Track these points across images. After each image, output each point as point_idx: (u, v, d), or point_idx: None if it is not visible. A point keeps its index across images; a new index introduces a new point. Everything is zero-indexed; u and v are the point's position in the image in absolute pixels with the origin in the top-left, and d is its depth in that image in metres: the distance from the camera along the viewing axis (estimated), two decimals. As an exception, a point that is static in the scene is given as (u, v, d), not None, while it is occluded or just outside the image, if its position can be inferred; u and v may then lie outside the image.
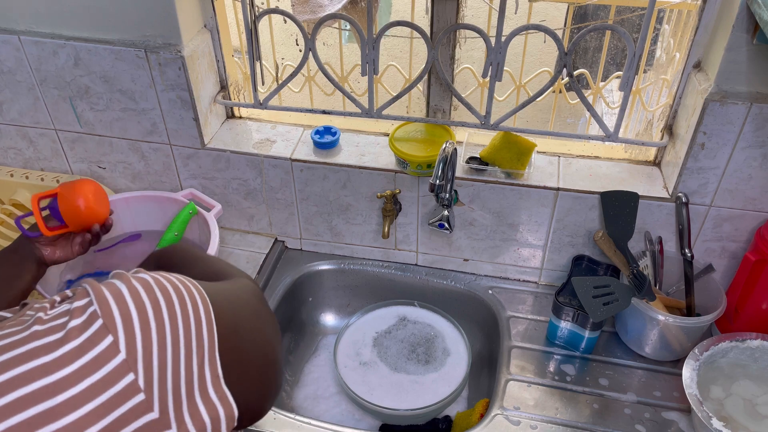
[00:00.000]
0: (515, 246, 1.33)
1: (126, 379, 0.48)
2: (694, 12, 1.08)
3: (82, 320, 0.48)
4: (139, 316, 0.50)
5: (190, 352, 0.52)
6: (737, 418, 1.04)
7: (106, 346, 0.48)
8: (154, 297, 0.52)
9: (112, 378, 0.47)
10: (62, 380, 0.46)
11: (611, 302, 1.10)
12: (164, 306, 0.52)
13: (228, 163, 1.33)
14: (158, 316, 0.51)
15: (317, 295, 1.47)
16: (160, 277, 0.54)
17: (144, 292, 0.51)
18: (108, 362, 0.47)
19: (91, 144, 1.36)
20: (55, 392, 0.45)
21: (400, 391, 1.25)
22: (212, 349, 0.54)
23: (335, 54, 1.46)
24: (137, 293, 0.51)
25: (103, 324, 0.48)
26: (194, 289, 0.55)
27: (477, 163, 1.25)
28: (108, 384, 0.47)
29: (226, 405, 0.54)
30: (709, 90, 1.04)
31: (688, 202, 1.15)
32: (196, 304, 0.54)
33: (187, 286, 0.55)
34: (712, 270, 1.18)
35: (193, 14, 1.19)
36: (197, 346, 0.53)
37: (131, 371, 0.48)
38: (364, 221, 1.37)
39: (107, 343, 0.48)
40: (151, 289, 0.52)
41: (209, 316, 0.55)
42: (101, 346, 0.48)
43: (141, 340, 0.49)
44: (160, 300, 0.52)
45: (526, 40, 1.31)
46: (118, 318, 0.49)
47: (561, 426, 1.09)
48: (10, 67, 1.26)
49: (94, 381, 0.47)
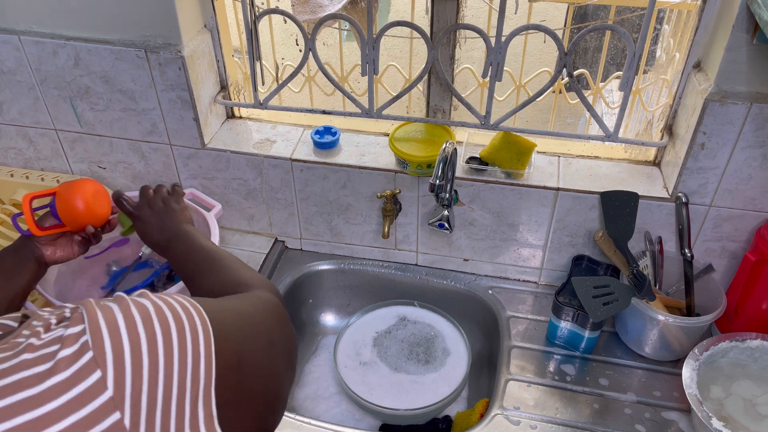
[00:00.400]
0: (515, 246, 1.33)
1: (111, 418, 0.46)
2: (694, 12, 1.08)
3: (72, 351, 0.47)
4: (132, 351, 0.48)
5: (184, 390, 0.50)
6: (737, 418, 1.04)
7: (94, 382, 0.46)
8: (150, 329, 0.50)
9: (97, 416, 0.46)
10: (46, 415, 0.45)
11: (611, 302, 1.10)
12: (160, 340, 0.50)
13: (228, 163, 1.33)
14: (152, 351, 0.49)
15: (317, 295, 1.47)
16: (162, 303, 0.52)
17: (141, 323, 0.50)
18: (94, 399, 0.46)
19: (91, 144, 1.36)
20: (38, 428, 0.44)
21: (400, 391, 1.25)
22: (208, 387, 0.52)
23: (335, 54, 1.46)
24: (133, 325, 0.49)
25: (92, 357, 0.47)
26: (197, 319, 0.53)
27: (477, 163, 1.25)
28: (93, 422, 0.45)
29: None
30: (709, 90, 1.04)
31: (688, 202, 1.15)
32: (196, 336, 0.52)
33: (190, 315, 0.53)
34: (712, 270, 1.18)
35: (193, 14, 1.19)
36: (192, 384, 0.50)
37: (117, 410, 0.46)
38: (364, 221, 1.37)
39: (95, 379, 0.46)
40: (149, 319, 0.50)
41: (209, 351, 0.52)
42: (89, 381, 0.46)
43: (131, 377, 0.47)
44: (157, 333, 0.50)
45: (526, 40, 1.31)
46: (109, 352, 0.47)
47: (561, 426, 1.09)
48: (10, 67, 1.26)
49: (79, 418, 0.45)
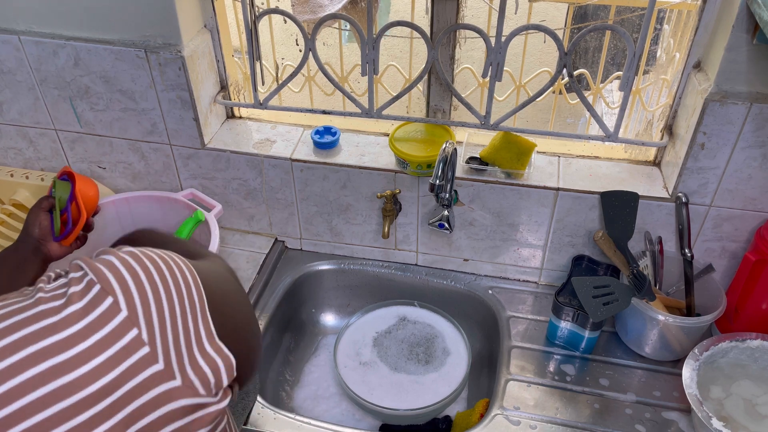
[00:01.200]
0: (515, 246, 1.33)
1: (131, 334, 0.51)
2: (694, 12, 1.08)
3: (81, 287, 0.51)
4: (134, 279, 0.53)
5: (184, 310, 0.55)
6: (737, 418, 1.04)
7: (108, 306, 0.51)
8: (143, 264, 0.55)
9: (117, 333, 0.50)
10: (70, 337, 0.49)
11: (611, 302, 1.10)
12: (154, 271, 0.55)
13: (228, 163, 1.33)
14: (150, 279, 0.54)
15: (317, 295, 1.47)
16: (146, 249, 0.58)
17: (133, 260, 0.55)
18: (112, 320, 0.51)
19: (91, 144, 1.36)
20: (64, 348, 0.49)
21: (400, 391, 1.25)
22: (203, 308, 0.57)
23: (335, 54, 1.46)
24: (127, 262, 0.54)
25: (101, 288, 0.51)
26: (178, 259, 0.59)
27: (477, 163, 1.25)
28: (114, 339, 0.50)
29: (223, 357, 0.57)
30: (709, 90, 1.04)
31: (688, 202, 1.15)
32: (182, 270, 0.57)
33: (171, 257, 0.58)
34: (712, 270, 1.18)
35: (193, 14, 1.19)
36: (189, 305, 0.56)
37: (135, 326, 0.51)
38: (364, 221, 1.37)
39: (108, 304, 0.51)
40: (139, 258, 0.55)
41: (196, 280, 0.58)
42: (103, 306, 0.51)
43: (139, 299, 0.52)
44: (149, 266, 0.55)
45: (526, 40, 1.31)
46: (114, 282, 0.52)
47: (561, 426, 1.09)
48: (10, 67, 1.26)
49: (101, 336, 0.50)
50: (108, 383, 0.49)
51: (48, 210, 1.05)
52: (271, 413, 1.12)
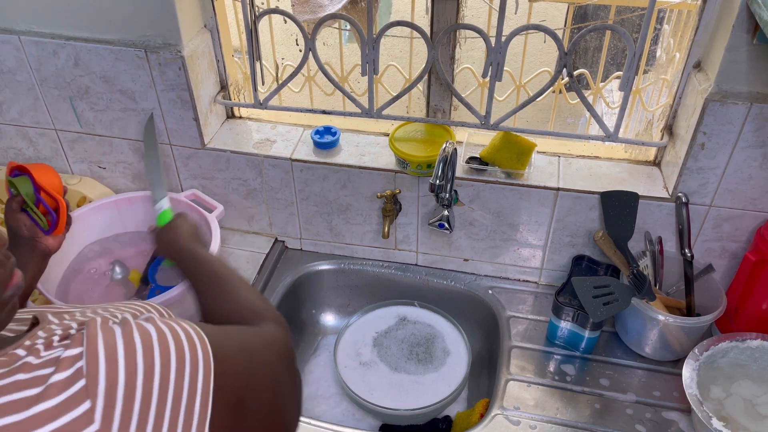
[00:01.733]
0: (515, 246, 1.33)
1: None
2: (694, 12, 1.08)
3: (65, 376, 0.46)
4: (126, 382, 0.47)
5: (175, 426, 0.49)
6: (737, 418, 1.04)
7: (81, 414, 0.46)
8: (149, 360, 0.49)
9: None
10: None
11: (611, 302, 1.10)
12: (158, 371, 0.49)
13: (228, 163, 1.33)
14: (147, 383, 0.48)
15: (317, 295, 1.47)
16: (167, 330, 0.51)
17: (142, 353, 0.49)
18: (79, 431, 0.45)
19: (91, 144, 1.36)
20: None
21: (400, 391, 1.25)
22: (202, 424, 0.51)
23: (335, 54, 1.46)
24: (133, 354, 0.48)
25: (84, 386, 0.46)
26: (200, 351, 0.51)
27: (477, 163, 1.25)
28: None
29: None
30: (709, 90, 1.04)
31: (688, 203, 1.15)
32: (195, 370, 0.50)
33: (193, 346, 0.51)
34: (712, 270, 1.18)
35: (193, 14, 1.19)
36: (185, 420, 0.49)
37: None
38: (364, 221, 1.37)
39: (83, 410, 0.46)
40: (150, 348, 0.49)
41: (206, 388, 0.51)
42: (76, 412, 0.46)
43: (120, 410, 0.47)
44: (156, 363, 0.49)
45: (526, 40, 1.31)
46: (102, 382, 0.47)
47: (561, 426, 1.09)
48: (10, 67, 1.26)
49: None
50: None
51: (21, 209, 0.99)
52: (271, 413, 1.12)
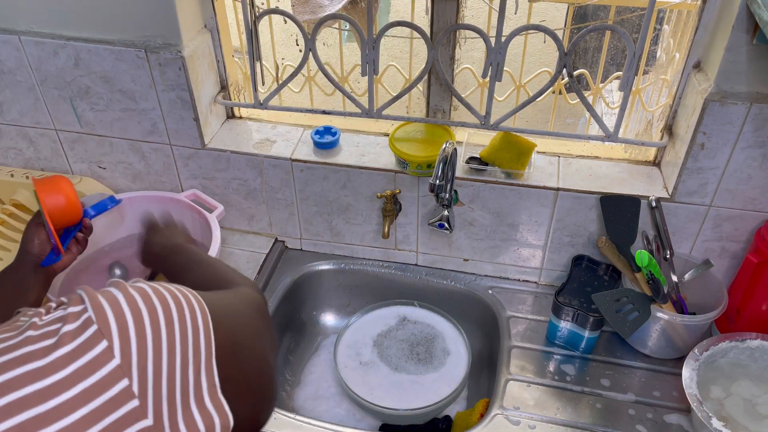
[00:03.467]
0: (515, 246, 1.33)
1: (120, 385, 0.47)
2: (694, 12, 1.08)
3: (75, 326, 0.48)
4: (135, 322, 0.49)
5: (186, 360, 0.51)
6: (737, 418, 1.04)
7: (101, 351, 0.47)
8: (151, 304, 0.51)
9: (106, 383, 0.47)
10: (55, 385, 0.46)
11: (632, 313, 1.11)
12: (161, 313, 0.51)
13: (228, 163, 1.33)
14: (154, 323, 0.50)
15: (317, 295, 1.47)
16: (159, 286, 0.54)
17: (141, 299, 0.51)
18: (102, 367, 0.47)
19: (92, 144, 1.36)
20: (47, 397, 0.45)
21: (400, 391, 1.25)
22: (209, 358, 0.53)
23: (335, 54, 1.46)
24: (134, 300, 0.51)
25: (97, 329, 0.48)
26: (193, 299, 0.55)
27: (477, 163, 1.25)
28: (102, 389, 0.47)
29: (222, 414, 0.53)
30: (709, 90, 1.04)
31: (659, 206, 1.16)
32: (194, 312, 0.54)
33: (186, 296, 0.54)
34: (711, 265, 1.17)
35: (193, 14, 1.20)
36: (194, 355, 0.52)
37: (125, 377, 0.48)
38: (364, 221, 1.37)
39: (101, 348, 0.47)
40: (148, 297, 0.52)
41: (207, 326, 0.54)
42: (95, 351, 0.47)
43: (136, 346, 0.48)
44: (157, 307, 0.51)
45: (526, 40, 1.31)
46: (113, 324, 0.48)
47: (561, 426, 1.09)
48: (11, 67, 1.26)
49: (88, 386, 0.46)
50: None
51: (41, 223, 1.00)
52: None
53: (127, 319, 0.49)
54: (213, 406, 0.53)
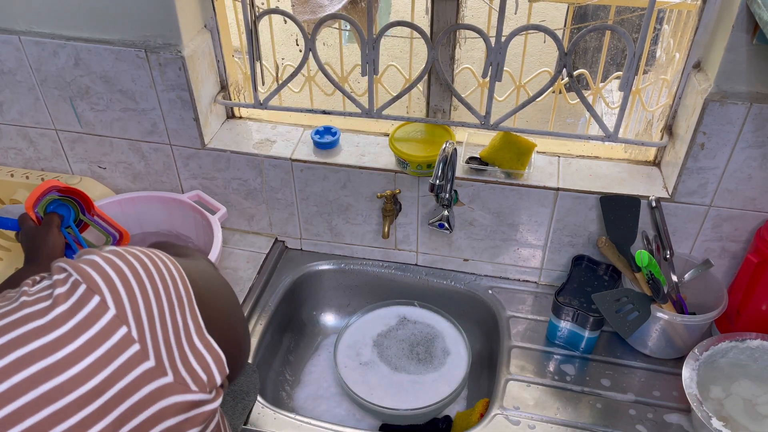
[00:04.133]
0: (515, 246, 1.33)
1: (120, 332, 0.51)
2: (694, 12, 1.08)
3: (66, 288, 0.51)
4: (119, 277, 0.53)
5: (172, 306, 0.55)
6: (737, 418, 1.04)
7: (95, 305, 0.50)
8: (128, 261, 0.54)
9: (106, 332, 0.50)
10: (59, 339, 0.48)
11: (632, 313, 1.11)
12: (140, 267, 0.55)
13: (228, 163, 1.33)
14: (136, 276, 0.54)
15: (317, 295, 1.47)
16: (129, 247, 0.58)
17: (117, 258, 0.54)
18: (100, 318, 0.50)
19: (92, 144, 1.36)
20: (53, 349, 0.48)
21: (400, 391, 1.25)
22: (191, 303, 0.57)
23: (335, 54, 1.46)
24: (111, 260, 0.54)
25: (87, 288, 0.51)
26: (163, 256, 0.58)
27: (477, 163, 1.25)
28: (103, 338, 0.50)
29: (212, 352, 0.57)
30: (709, 90, 1.04)
31: (659, 206, 1.16)
32: (167, 265, 0.57)
33: (156, 254, 0.58)
34: (711, 265, 1.18)
35: (193, 14, 1.20)
36: (177, 300, 0.56)
37: (123, 324, 0.51)
38: (364, 221, 1.37)
39: (95, 303, 0.50)
40: (123, 256, 0.55)
41: (181, 275, 0.58)
42: (90, 306, 0.50)
43: (126, 297, 0.52)
44: (135, 263, 0.55)
45: (526, 40, 1.31)
46: (100, 281, 0.51)
47: (561, 426, 1.09)
48: (11, 67, 1.26)
49: (90, 336, 0.49)
50: (99, 383, 0.49)
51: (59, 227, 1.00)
52: (271, 413, 1.12)
53: (111, 274, 0.52)
54: (203, 345, 0.57)
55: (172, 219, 1.36)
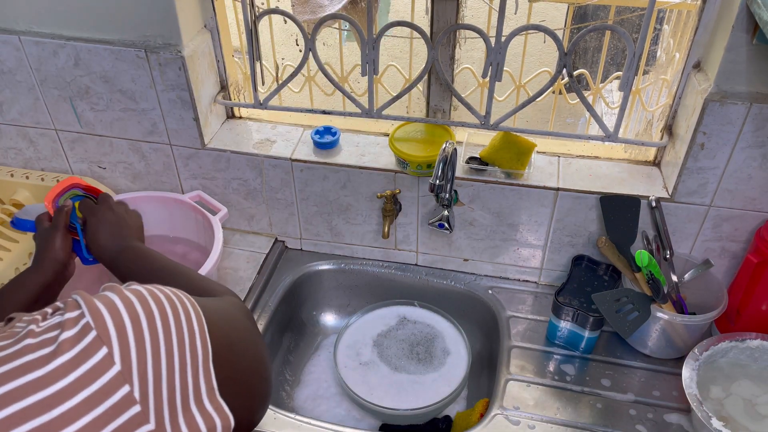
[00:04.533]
0: (515, 246, 1.33)
1: (122, 391, 0.48)
2: (694, 12, 1.08)
3: (74, 332, 0.48)
4: (133, 326, 0.49)
5: (185, 363, 0.52)
6: (737, 418, 1.04)
7: (101, 358, 0.47)
8: (148, 308, 0.51)
9: (107, 390, 0.47)
10: (57, 394, 0.46)
11: (632, 312, 1.11)
12: (158, 317, 0.51)
13: (228, 163, 1.33)
14: (152, 327, 0.50)
15: (317, 295, 1.47)
16: (154, 288, 0.54)
17: (138, 302, 0.51)
18: (103, 374, 0.47)
19: (92, 144, 1.36)
20: (50, 406, 0.45)
21: (400, 391, 1.25)
22: (206, 360, 0.54)
23: (335, 54, 1.46)
24: (131, 304, 0.51)
25: (96, 336, 0.48)
26: (188, 302, 0.55)
27: (477, 163, 1.25)
28: (104, 396, 0.47)
29: (222, 416, 0.54)
30: (709, 90, 1.04)
31: (659, 206, 1.16)
32: (189, 316, 0.54)
33: (181, 299, 0.55)
34: (711, 265, 1.18)
35: (193, 14, 1.20)
36: (191, 357, 0.52)
37: (126, 383, 0.48)
38: (364, 221, 1.37)
39: (101, 355, 0.47)
40: (144, 300, 0.52)
41: (202, 329, 0.54)
42: (96, 358, 0.47)
43: (135, 351, 0.49)
44: (154, 311, 0.51)
45: (526, 40, 1.31)
46: (112, 329, 0.48)
47: (561, 426, 1.09)
48: (11, 67, 1.26)
49: (90, 393, 0.46)
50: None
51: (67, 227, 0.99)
52: (271, 413, 1.12)
53: (126, 323, 0.49)
54: (213, 408, 0.53)
55: (173, 219, 1.36)
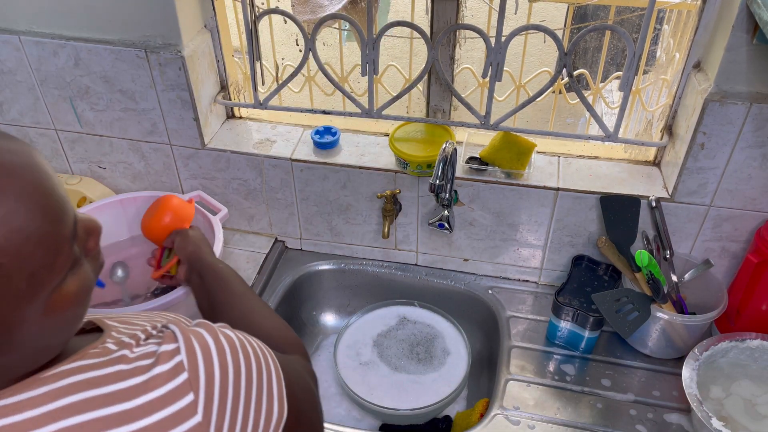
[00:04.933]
0: (515, 246, 1.33)
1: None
2: (694, 12, 1.08)
3: (167, 368, 0.49)
4: (221, 378, 0.50)
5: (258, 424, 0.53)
6: (737, 418, 1.04)
7: (186, 404, 0.48)
8: (237, 362, 0.52)
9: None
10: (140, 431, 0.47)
11: (632, 312, 1.11)
12: (244, 373, 0.52)
13: (228, 163, 1.33)
14: (237, 383, 0.51)
15: (317, 295, 1.47)
16: (245, 340, 0.55)
17: (230, 353, 0.52)
18: (184, 422, 0.48)
19: (92, 144, 1.36)
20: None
21: (400, 391, 1.25)
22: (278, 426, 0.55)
23: (335, 54, 1.46)
24: (224, 353, 0.51)
25: (187, 379, 0.49)
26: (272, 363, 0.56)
27: (477, 163, 1.25)
28: None
29: None
30: (709, 90, 1.04)
31: (659, 206, 1.16)
32: (270, 378, 0.55)
33: (266, 358, 0.56)
34: (711, 265, 1.18)
35: (193, 14, 1.20)
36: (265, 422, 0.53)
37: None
38: (364, 221, 1.37)
39: (188, 401, 0.48)
40: (236, 351, 0.52)
41: (281, 395, 0.55)
42: (182, 403, 0.48)
43: (218, 406, 0.50)
44: (242, 366, 0.52)
45: (526, 40, 1.31)
46: (203, 376, 0.49)
47: (561, 426, 1.09)
48: (11, 67, 1.26)
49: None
50: None
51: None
52: (271, 413, 1.12)
53: (215, 374, 0.50)
54: None
55: (172, 219, 1.36)
